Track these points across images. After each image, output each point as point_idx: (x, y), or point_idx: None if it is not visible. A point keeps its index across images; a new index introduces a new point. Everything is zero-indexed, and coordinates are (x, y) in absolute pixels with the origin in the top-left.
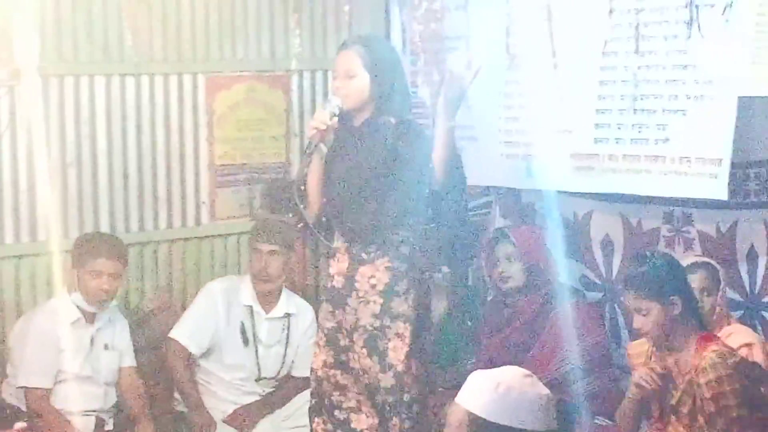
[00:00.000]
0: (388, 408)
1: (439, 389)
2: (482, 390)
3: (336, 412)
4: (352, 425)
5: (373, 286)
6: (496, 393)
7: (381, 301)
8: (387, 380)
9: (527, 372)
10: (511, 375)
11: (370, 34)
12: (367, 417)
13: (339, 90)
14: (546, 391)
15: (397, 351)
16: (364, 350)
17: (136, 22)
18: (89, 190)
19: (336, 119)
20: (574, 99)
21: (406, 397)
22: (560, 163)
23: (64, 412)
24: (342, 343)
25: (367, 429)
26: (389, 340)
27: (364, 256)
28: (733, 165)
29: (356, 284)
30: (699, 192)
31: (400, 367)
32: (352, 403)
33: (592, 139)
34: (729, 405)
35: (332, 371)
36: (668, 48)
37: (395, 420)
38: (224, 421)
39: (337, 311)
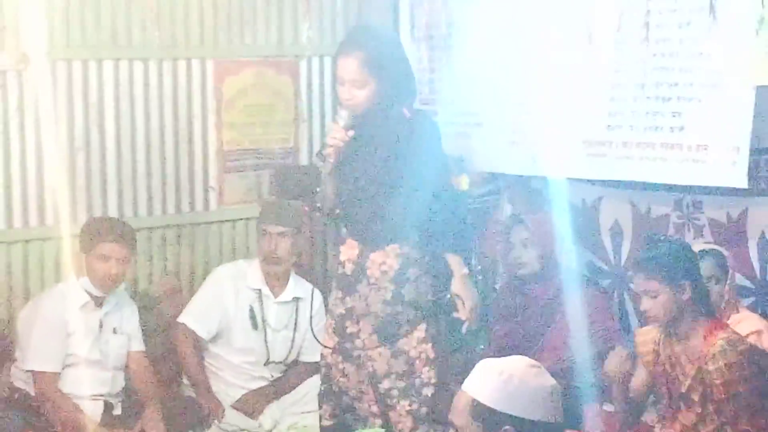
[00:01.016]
0: (398, 392)
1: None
2: (486, 377)
3: (344, 398)
4: (357, 412)
5: (384, 273)
6: (498, 381)
7: (392, 287)
8: (398, 365)
9: (534, 362)
10: (515, 364)
11: (366, 31)
12: (369, 406)
13: (348, 101)
14: (551, 382)
15: (408, 337)
16: (374, 337)
17: (145, 6)
18: (97, 174)
19: (351, 131)
20: (587, 85)
21: (417, 381)
22: (572, 149)
23: (73, 396)
24: (350, 330)
25: (370, 417)
26: (400, 326)
27: (374, 242)
28: None
29: (367, 271)
30: (716, 180)
31: (412, 353)
32: (353, 392)
33: (606, 126)
34: (739, 391)
35: (338, 357)
36: (682, 35)
37: (404, 404)
38: (233, 406)
39: (347, 297)
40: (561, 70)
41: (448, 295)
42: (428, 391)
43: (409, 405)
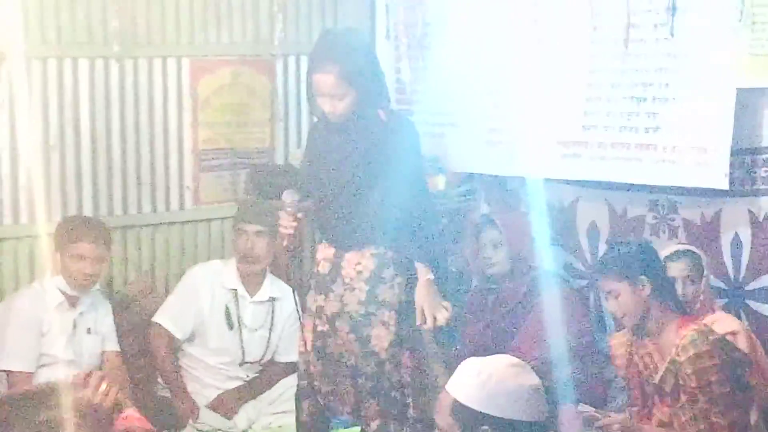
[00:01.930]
0: (366, 392)
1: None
2: (465, 377)
3: (320, 396)
4: (334, 410)
5: (359, 273)
6: (477, 380)
7: (367, 288)
8: (369, 367)
9: (516, 362)
10: (495, 363)
11: (337, 40)
12: (346, 404)
13: (330, 113)
14: (533, 381)
15: (380, 339)
16: (351, 335)
17: (121, 4)
18: (72, 173)
19: (301, 214)
20: (562, 85)
21: (386, 383)
22: (547, 150)
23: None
24: (320, 328)
25: (347, 413)
26: (373, 327)
27: (349, 242)
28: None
29: (342, 271)
30: (692, 181)
31: (383, 355)
32: (331, 389)
33: (581, 126)
34: (710, 380)
35: (314, 357)
36: (658, 35)
37: (372, 403)
38: (208, 406)
39: (319, 297)
40: (536, 70)
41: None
42: (397, 394)
43: (377, 405)
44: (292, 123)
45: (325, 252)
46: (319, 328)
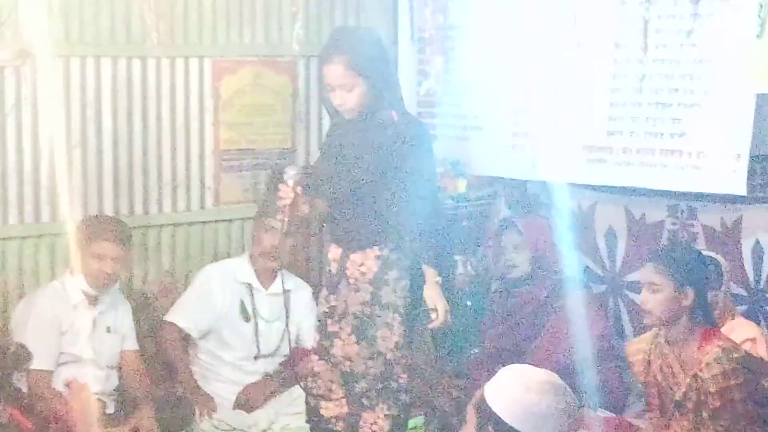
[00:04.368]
0: (375, 394)
1: (445, 378)
2: (503, 385)
3: (308, 398)
4: (321, 412)
5: (363, 274)
6: (513, 391)
7: (371, 289)
8: (376, 367)
9: (554, 380)
10: (536, 379)
11: (346, 33)
12: (336, 406)
13: (341, 106)
14: (567, 402)
15: (386, 340)
16: (352, 337)
17: (144, 4)
18: (94, 172)
19: (300, 188)
20: (588, 90)
21: (393, 385)
22: (572, 154)
23: (66, 395)
24: (330, 328)
25: (333, 417)
26: (378, 328)
27: (354, 243)
28: None
29: (347, 271)
30: (716, 187)
31: (389, 356)
32: (322, 390)
33: (606, 131)
34: (734, 399)
35: (312, 356)
36: (682, 41)
37: (382, 407)
38: (235, 402)
39: (330, 296)
40: (561, 74)
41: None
42: (405, 397)
43: (388, 409)
44: (313, 124)
45: (333, 252)
46: (329, 329)
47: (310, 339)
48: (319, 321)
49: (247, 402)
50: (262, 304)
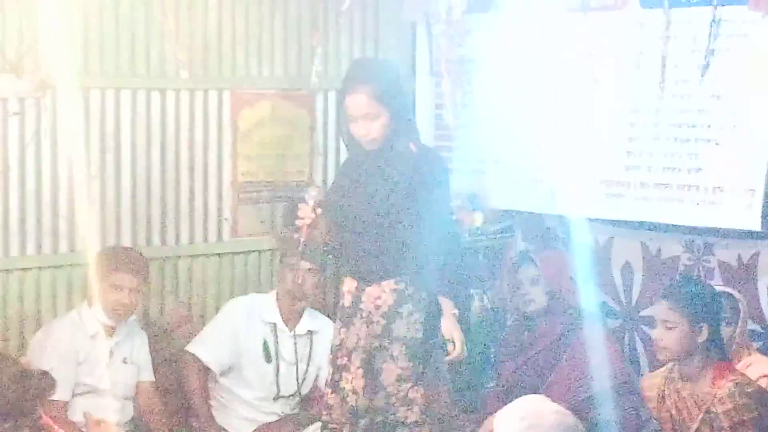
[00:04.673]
0: (377, 428)
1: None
2: (510, 418)
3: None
4: None
5: (378, 307)
6: (520, 425)
7: (384, 322)
8: (378, 400)
9: (559, 409)
10: (542, 410)
11: (367, 64)
12: None
13: (365, 136)
14: (574, 429)
15: (389, 372)
16: (360, 370)
17: (164, 37)
18: (112, 203)
19: (320, 210)
20: (606, 125)
21: (391, 419)
22: (590, 189)
23: (81, 425)
24: (339, 362)
25: None
26: (384, 361)
27: (371, 275)
28: None
29: (361, 304)
30: (732, 222)
31: (390, 389)
32: (335, 424)
33: (624, 166)
34: None
35: (329, 389)
36: (699, 77)
37: None
38: None
39: (343, 330)
40: (579, 108)
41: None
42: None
43: None
44: (331, 157)
45: (348, 285)
46: (338, 362)
47: None
48: (331, 354)
49: None
50: (286, 345)
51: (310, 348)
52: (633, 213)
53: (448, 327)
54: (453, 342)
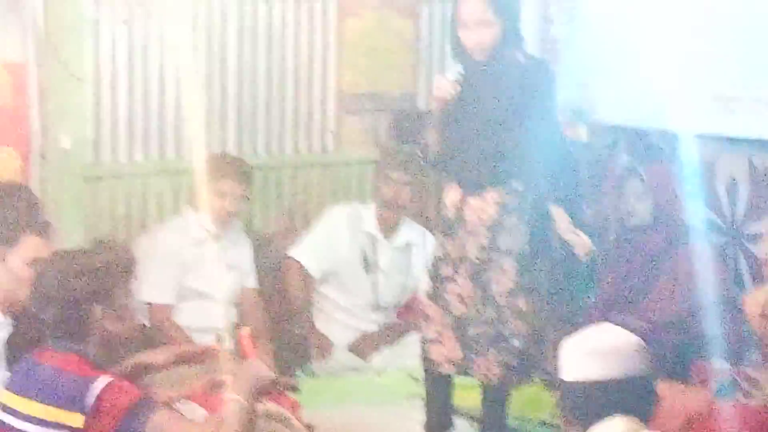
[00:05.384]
0: (487, 341)
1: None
2: (577, 346)
3: (422, 341)
4: (432, 356)
5: (482, 220)
6: (580, 357)
7: (489, 235)
8: (488, 313)
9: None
10: (608, 347)
11: None
12: (447, 350)
13: (476, 45)
14: (625, 339)
15: (500, 285)
16: (468, 282)
17: None
18: (217, 110)
19: (459, 87)
20: (719, 39)
21: (506, 331)
22: (701, 104)
23: (185, 329)
24: (444, 272)
25: (445, 362)
26: (493, 273)
27: (474, 188)
28: None
29: (465, 216)
30: None
31: (502, 301)
32: (434, 334)
33: (736, 81)
34: None
35: (426, 300)
36: None
37: (493, 352)
38: (348, 348)
39: (446, 241)
40: (691, 19)
41: (551, 244)
42: (518, 343)
43: (498, 354)
44: (436, 69)
45: (451, 196)
46: (443, 273)
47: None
48: (433, 265)
49: (361, 350)
50: (384, 256)
51: (408, 259)
52: (744, 129)
53: (566, 229)
54: (574, 243)
